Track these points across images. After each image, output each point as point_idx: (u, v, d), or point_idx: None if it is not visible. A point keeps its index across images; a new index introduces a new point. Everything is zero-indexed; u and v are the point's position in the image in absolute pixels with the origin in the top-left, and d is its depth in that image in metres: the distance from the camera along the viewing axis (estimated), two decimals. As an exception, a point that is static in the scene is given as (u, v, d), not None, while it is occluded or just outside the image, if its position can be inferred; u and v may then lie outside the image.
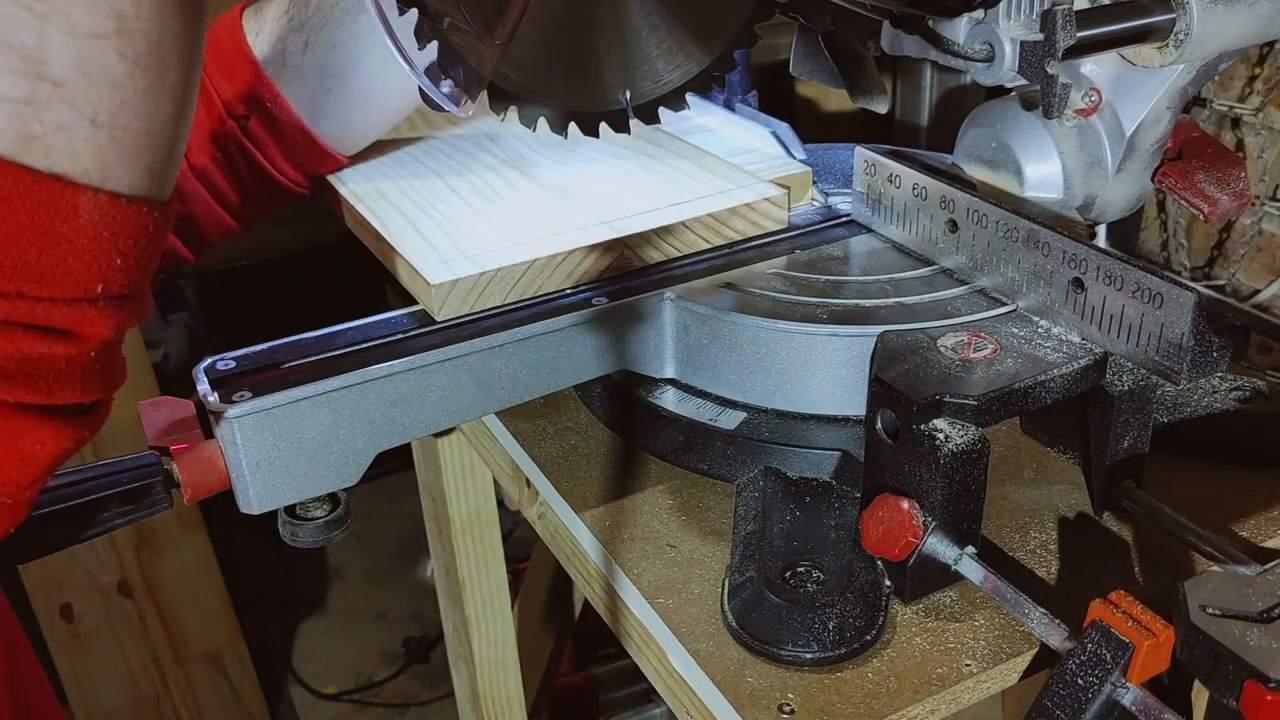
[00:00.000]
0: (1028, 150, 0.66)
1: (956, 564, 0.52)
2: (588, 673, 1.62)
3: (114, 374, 0.37)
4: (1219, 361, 0.54)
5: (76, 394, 0.35)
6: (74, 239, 0.32)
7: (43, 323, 0.33)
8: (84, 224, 0.32)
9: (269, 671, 2.02)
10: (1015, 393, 0.54)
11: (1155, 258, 1.45)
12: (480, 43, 0.55)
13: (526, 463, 0.69)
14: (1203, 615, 0.43)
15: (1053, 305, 0.59)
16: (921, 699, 0.49)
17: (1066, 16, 0.55)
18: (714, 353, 0.63)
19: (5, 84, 0.30)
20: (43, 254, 0.32)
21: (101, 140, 0.33)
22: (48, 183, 0.31)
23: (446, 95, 0.57)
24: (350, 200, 0.74)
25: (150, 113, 0.34)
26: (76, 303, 0.33)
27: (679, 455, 0.64)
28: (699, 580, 0.57)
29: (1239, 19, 0.61)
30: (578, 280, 0.66)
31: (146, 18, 0.33)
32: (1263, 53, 1.30)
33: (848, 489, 0.60)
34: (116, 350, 0.37)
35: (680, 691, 0.54)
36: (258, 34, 0.73)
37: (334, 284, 1.92)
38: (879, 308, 0.62)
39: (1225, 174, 0.67)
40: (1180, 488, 0.61)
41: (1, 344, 0.32)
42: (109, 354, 0.37)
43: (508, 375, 0.61)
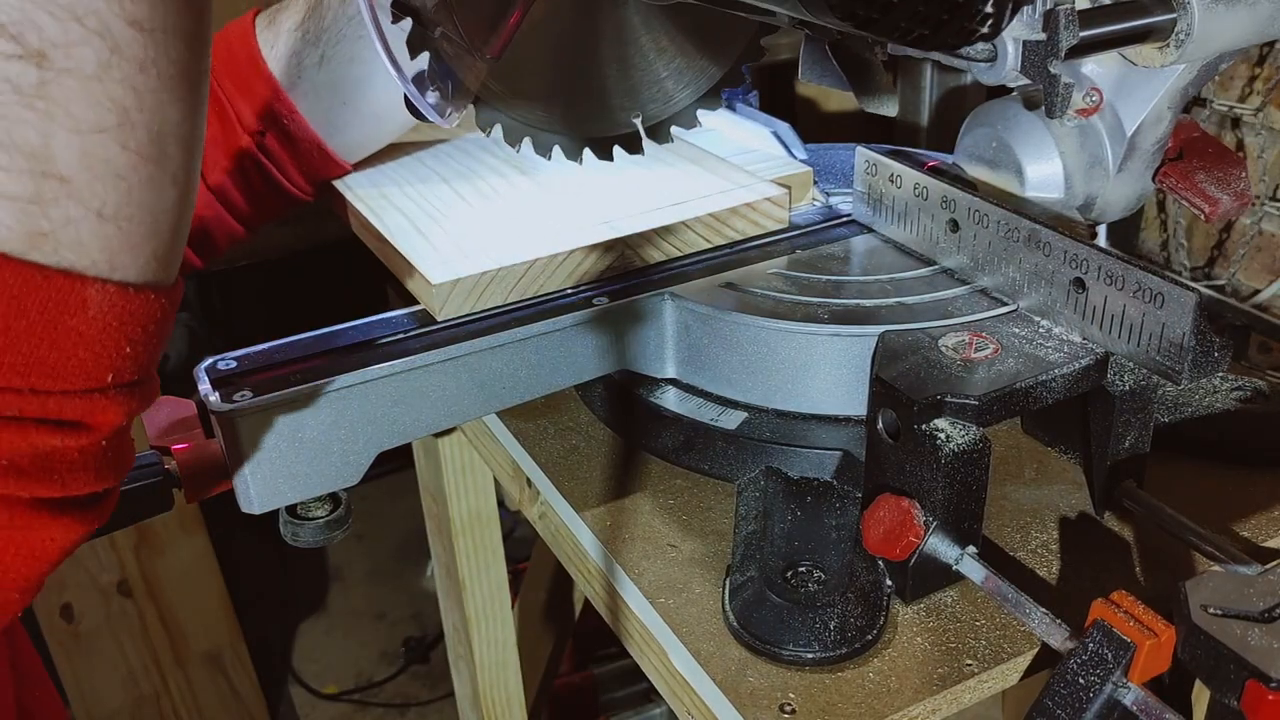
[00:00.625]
0: (1028, 150, 0.66)
1: (957, 564, 0.52)
2: (588, 673, 1.62)
3: (125, 460, 0.37)
4: (1220, 361, 0.54)
5: (90, 484, 0.35)
6: (84, 331, 0.32)
7: (55, 416, 0.33)
8: (93, 316, 0.32)
9: (269, 671, 2.02)
10: (1016, 392, 0.54)
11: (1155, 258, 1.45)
12: (470, 56, 0.55)
13: (527, 462, 0.69)
14: (1204, 615, 0.43)
15: (1054, 305, 0.59)
16: (922, 699, 0.49)
17: (1069, 16, 0.55)
18: (715, 352, 0.63)
19: (12, 183, 0.31)
20: (54, 349, 0.32)
21: (108, 232, 0.33)
22: (57, 278, 0.31)
23: (432, 105, 0.58)
24: (352, 201, 0.74)
25: (154, 201, 0.34)
26: (88, 393, 0.33)
27: (680, 455, 0.64)
28: (700, 580, 0.57)
29: (1240, 19, 0.61)
30: (578, 280, 0.66)
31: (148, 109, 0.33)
32: (1263, 53, 1.30)
33: (849, 489, 0.60)
34: (126, 436, 0.37)
35: (681, 691, 0.54)
36: (273, 46, 0.73)
37: (334, 284, 1.92)
38: (880, 308, 0.62)
39: (1226, 174, 0.67)
40: (1181, 488, 0.61)
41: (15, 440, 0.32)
42: (119, 440, 0.36)
43: (508, 375, 0.61)
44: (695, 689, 0.53)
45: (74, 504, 0.35)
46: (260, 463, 0.55)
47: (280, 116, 0.73)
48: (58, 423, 0.33)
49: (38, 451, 0.33)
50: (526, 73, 0.58)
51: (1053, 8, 0.55)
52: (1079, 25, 0.56)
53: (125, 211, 0.33)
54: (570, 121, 0.61)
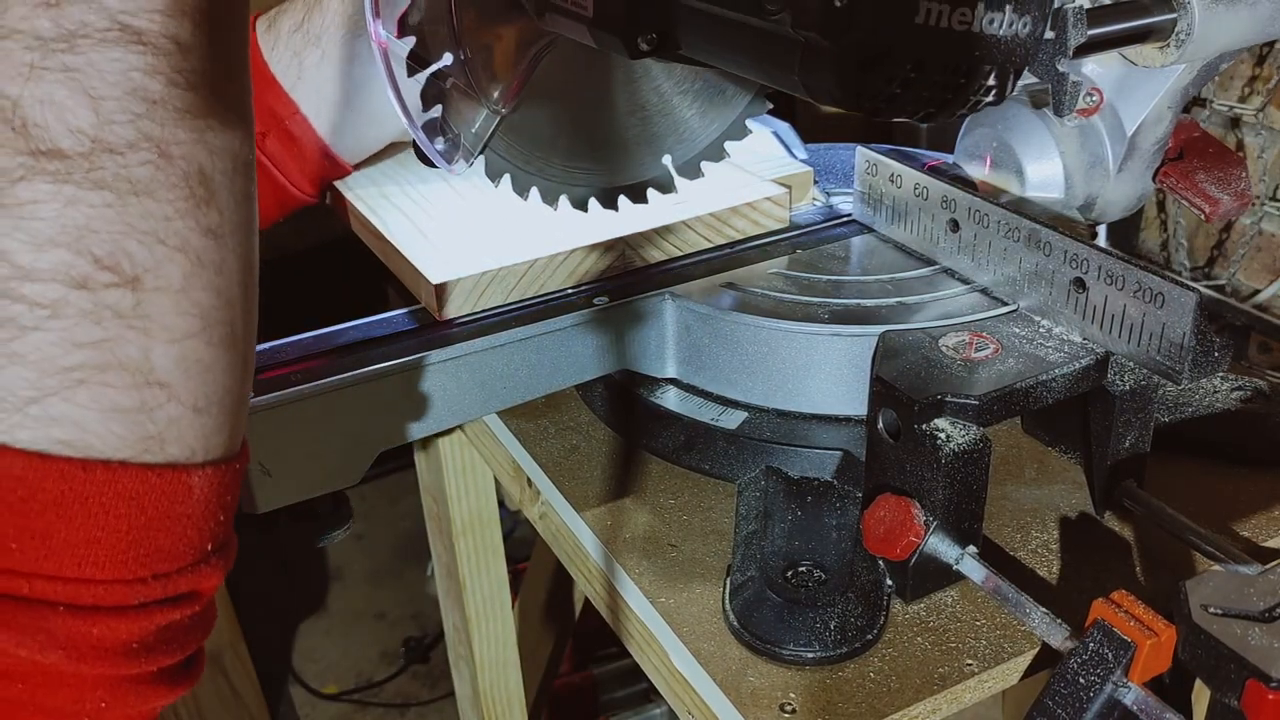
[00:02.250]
0: (1029, 150, 0.66)
1: (958, 563, 0.52)
2: (588, 673, 1.62)
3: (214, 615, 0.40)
4: (1220, 361, 0.54)
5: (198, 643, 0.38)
6: (190, 514, 0.35)
7: (173, 594, 0.35)
8: (197, 498, 0.35)
9: (269, 671, 2.02)
10: (1017, 392, 0.54)
11: (1155, 258, 1.45)
12: (483, 108, 0.56)
13: (528, 462, 0.69)
14: (1204, 615, 0.43)
15: (1054, 305, 0.59)
16: (923, 698, 0.49)
17: (1078, 15, 0.55)
18: (715, 352, 0.63)
19: (121, 398, 0.33)
20: (168, 535, 0.34)
21: (203, 422, 0.36)
22: (166, 474, 0.34)
23: (439, 153, 0.59)
24: (352, 200, 0.74)
25: (232, 383, 0.37)
26: (195, 565, 0.36)
27: (680, 455, 0.64)
28: (700, 580, 0.57)
29: (1240, 19, 0.61)
30: (579, 280, 0.66)
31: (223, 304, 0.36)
32: (1263, 53, 1.30)
33: (849, 488, 0.60)
34: None
35: (682, 691, 0.54)
36: (273, 47, 0.73)
37: (334, 284, 1.92)
38: (880, 307, 0.62)
39: (1226, 174, 0.67)
40: (1181, 487, 0.61)
41: (144, 624, 0.35)
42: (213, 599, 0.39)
43: (509, 375, 0.61)
44: (695, 689, 0.53)
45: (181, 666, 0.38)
46: (260, 462, 0.55)
47: (281, 117, 0.73)
48: (175, 599, 0.36)
49: (162, 627, 0.35)
50: (546, 124, 0.59)
51: (1061, 6, 0.55)
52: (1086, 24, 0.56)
53: (214, 400, 0.36)
54: (598, 172, 0.62)
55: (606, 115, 0.60)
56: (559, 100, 0.59)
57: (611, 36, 0.47)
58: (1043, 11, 0.39)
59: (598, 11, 0.48)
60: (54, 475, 0.32)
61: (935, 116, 0.41)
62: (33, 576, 0.32)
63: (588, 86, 0.59)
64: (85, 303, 0.32)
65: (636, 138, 0.62)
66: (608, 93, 0.59)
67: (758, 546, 0.56)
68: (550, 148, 0.60)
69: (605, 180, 0.62)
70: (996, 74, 0.39)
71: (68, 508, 0.32)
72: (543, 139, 0.59)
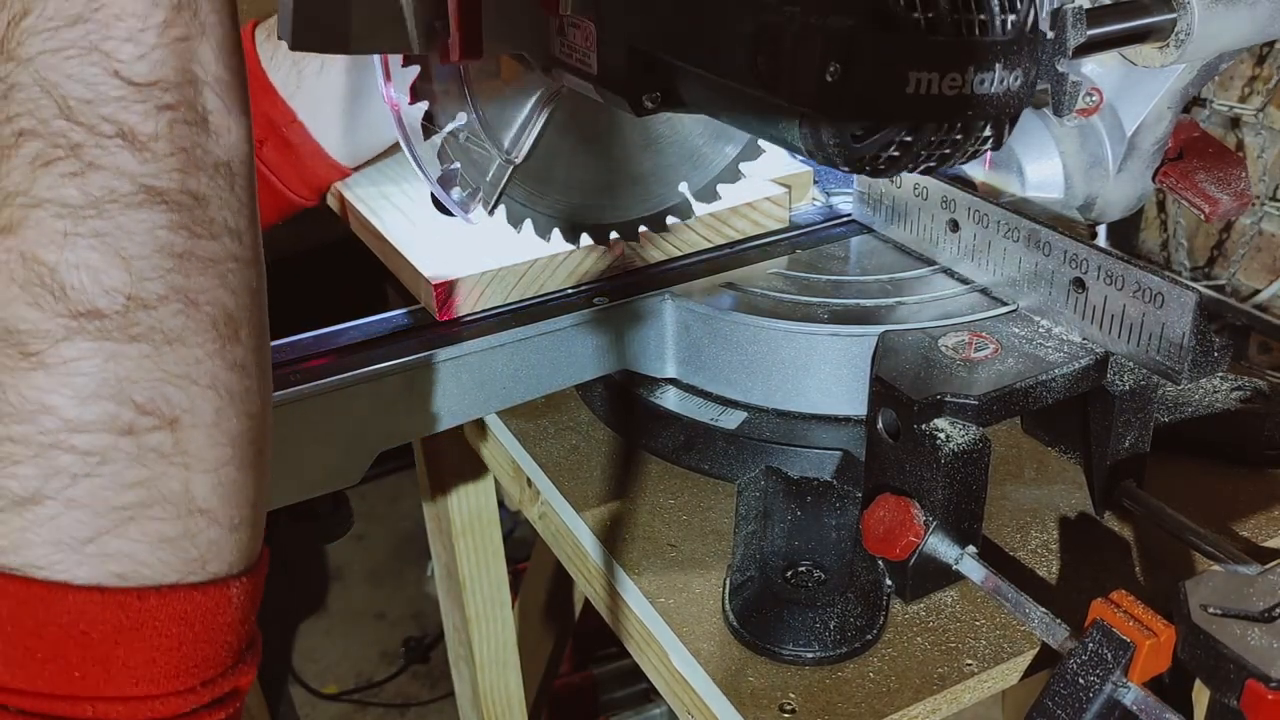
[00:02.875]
0: (1029, 150, 0.66)
1: (957, 563, 0.52)
2: (588, 673, 1.62)
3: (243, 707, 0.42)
4: (1219, 361, 0.54)
5: None
6: (231, 620, 0.37)
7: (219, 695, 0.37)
8: (235, 605, 0.38)
9: (269, 671, 2.02)
10: (1016, 392, 0.54)
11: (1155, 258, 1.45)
12: (498, 160, 0.58)
13: (528, 462, 0.69)
14: (1204, 615, 0.43)
15: (1054, 305, 0.59)
16: (922, 698, 0.49)
17: (1077, 15, 0.55)
18: (715, 352, 0.63)
19: (167, 528, 0.35)
20: (212, 645, 0.37)
21: (237, 537, 0.38)
22: (209, 590, 0.36)
23: (457, 202, 0.61)
24: (352, 200, 0.74)
25: (258, 496, 0.40)
26: (235, 666, 0.38)
27: (680, 455, 0.64)
28: (700, 580, 0.57)
29: (1240, 19, 0.61)
30: (578, 280, 0.66)
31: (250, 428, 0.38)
32: (1263, 53, 1.30)
33: (849, 488, 0.60)
34: None
35: (681, 691, 0.54)
36: (272, 56, 0.73)
37: (334, 284, 1.92)
38: (880, 307, 0.62)
39: (1226, 174, 0.67)
40: (1181, 487, 0.61)
41: None
42: None
43: (509, 375, 0.61)
44: (695, 689, 0.53)
45: None
46: (260, 462, 0.55)
47: (279, 125, 0.73)
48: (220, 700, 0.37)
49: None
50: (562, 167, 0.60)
51: (1060, 6, 0.55)
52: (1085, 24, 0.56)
53: (245, 516, 0.38)
54: (616, 207, 0.63)
55: (621, 152, 0.61)
56: (573, 143, 0.60)
57: (616, 95, 0.49)
58: (1034, 61, 0.40)
59: (602, 71, 0.49)
60: (112, 606, 0.34)
61: (935, 170, 0.42)
62: (96, 700, 0.34)
63: (600, 126, 0.60)
64: (130, 447, 0.34)
65: (652, 170, 0.63)
66: (620, 131, 0.60)
67: (757, 546, 0.56)
68: (567, 189, 0.61)
69: (624, 213, 0.63)
70: (992, 126, 0.40)
71: (126, 634, 0.34)
72: (559, 181, 0.60)
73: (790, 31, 0.39)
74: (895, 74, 0.37)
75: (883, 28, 0.37)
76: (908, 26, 0.37)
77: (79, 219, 0.33)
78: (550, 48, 0.53)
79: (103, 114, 0.34)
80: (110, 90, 0.34)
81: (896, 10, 0.37)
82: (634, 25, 0.47)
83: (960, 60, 0.38)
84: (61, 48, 0.33)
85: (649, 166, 0.62)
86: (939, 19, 0.37)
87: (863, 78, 0.37)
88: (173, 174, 0.35)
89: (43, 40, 0.33)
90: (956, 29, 0.37)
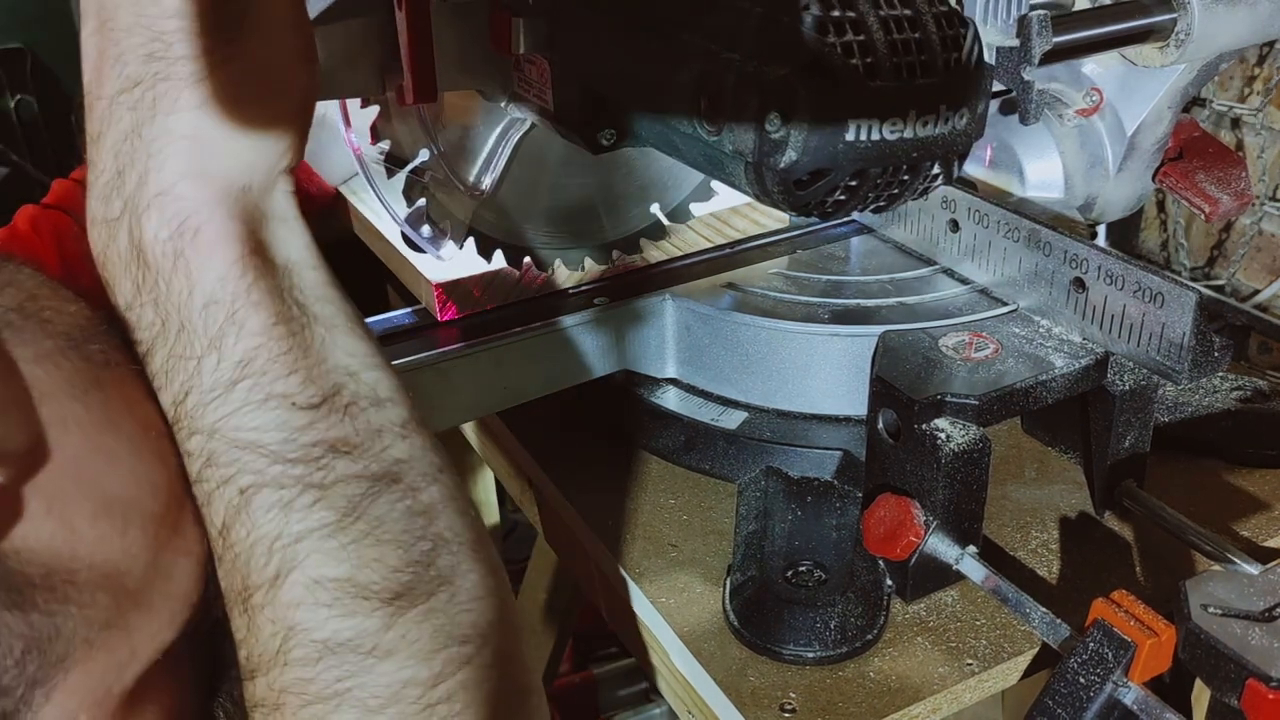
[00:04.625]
0: (1029, 150, 0.66)
1: (958, 563, 0.52)
2: (588, 673, 1.61)
3: None
4: (1219, 361, 0.54)
5: None
6: None
7: None
8: None
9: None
10: (1016, 392, 0.54)
11: (1155, 258, 1.45)
12: (464, 195, 0.58)
13: (527, 462, 0.69)
14: (1204, 614, 0.43)
15: (1054, 305, 0.59)
16: (923, 698, 0.50)
17: (1042, 22, 0.55)
18: (715, 352, 0.63)
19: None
20: None
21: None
22: None
23: (428, 239, 0.62)
24: (353, 201, 0.74)
25: None
26: None
27: (681, 455, 0.64)
28: (701, 580, 0.57)
29: (1240, 19, 0.61)
30: (579, 280, 0.66)
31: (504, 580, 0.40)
32: (1263, 53, 1.30)
33: (849, 488, 0.60)
34: None
35: (682, 691, 0.54)
36: None
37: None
38: (880, 307, 0.62)
39: (1226, 174, 0.67)
40: (1181, 487, 0.61)
41: None
42: None
43: (509, 375, 0.61)
44: (696, 688, 0.53)
45: None
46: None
47: None
48: None
49: None
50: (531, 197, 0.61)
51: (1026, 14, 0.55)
52: (1076, 25, 0.56)
53: None
54: (588, 232, 0.63)
55: (589, 178, 0.61)
56: (541, 172, 0.60)
57: (572, 132, 0.49)
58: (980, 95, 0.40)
59: (558, 108, 0.50)
60: None
61: (885, 209, 0.42)
62: None
63: (567, 155, 0.60)
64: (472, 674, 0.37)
65: (622, 193, 0.63)
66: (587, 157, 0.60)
67: (758, 546, 0.56)
68: (537, 218, 0.61)
69: (597, 238, 0.63)
70: (940, 164, 0.40)
71: None
72: (529, 212, 0.61)
73: (730, 80, 0.39)
74: (835, 123, 0.37)
75: (821, 76, 0.36)
76: (845, 75, 0.36)
77: (344, 530, 0.36)
78: (510, 83, 0.53)
79: (305, 442, 0.36)
80: (299, 420, 0.36)
81: (834, 58, 0.36)
82: (585, 66, 0.47)
83: (901, 105, 0.37)
84: (237, 409, 0.36)
85: (619, 190, 0.63)
86: (878, 64, 0.37)
87: (802, 127, 0.37)
88: (380, 455, 0.37)
89: (215, 409, 0.36)
90: (896, 73, 0.37)
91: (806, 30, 0.36)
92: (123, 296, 0.37)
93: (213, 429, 0.36)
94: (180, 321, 0.36)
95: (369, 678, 0.35)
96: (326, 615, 0.35)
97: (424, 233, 0.60)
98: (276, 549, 0.35)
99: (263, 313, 0.36)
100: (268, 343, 0.36)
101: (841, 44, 0.36)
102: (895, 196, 0.41)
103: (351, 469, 0.36)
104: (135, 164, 0.36)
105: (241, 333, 0.36)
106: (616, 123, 0.47)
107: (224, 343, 0.36)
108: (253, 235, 0.37)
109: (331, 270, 0.40)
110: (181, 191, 0.36)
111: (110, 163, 0.37)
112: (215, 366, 0.36)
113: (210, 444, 0.36)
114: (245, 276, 0.36)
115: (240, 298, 0.36)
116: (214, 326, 0.36)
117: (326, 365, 0.37)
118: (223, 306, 0.36)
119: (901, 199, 0.41)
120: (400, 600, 0.36)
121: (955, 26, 0.38)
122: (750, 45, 0.38)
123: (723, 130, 0.39)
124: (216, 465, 0.36)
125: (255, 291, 0.36)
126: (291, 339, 0.37)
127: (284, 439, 0.36)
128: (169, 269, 0.36)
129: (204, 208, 0.36)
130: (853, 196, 0.40)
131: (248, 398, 0.36)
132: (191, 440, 0.36)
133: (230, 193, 0.36)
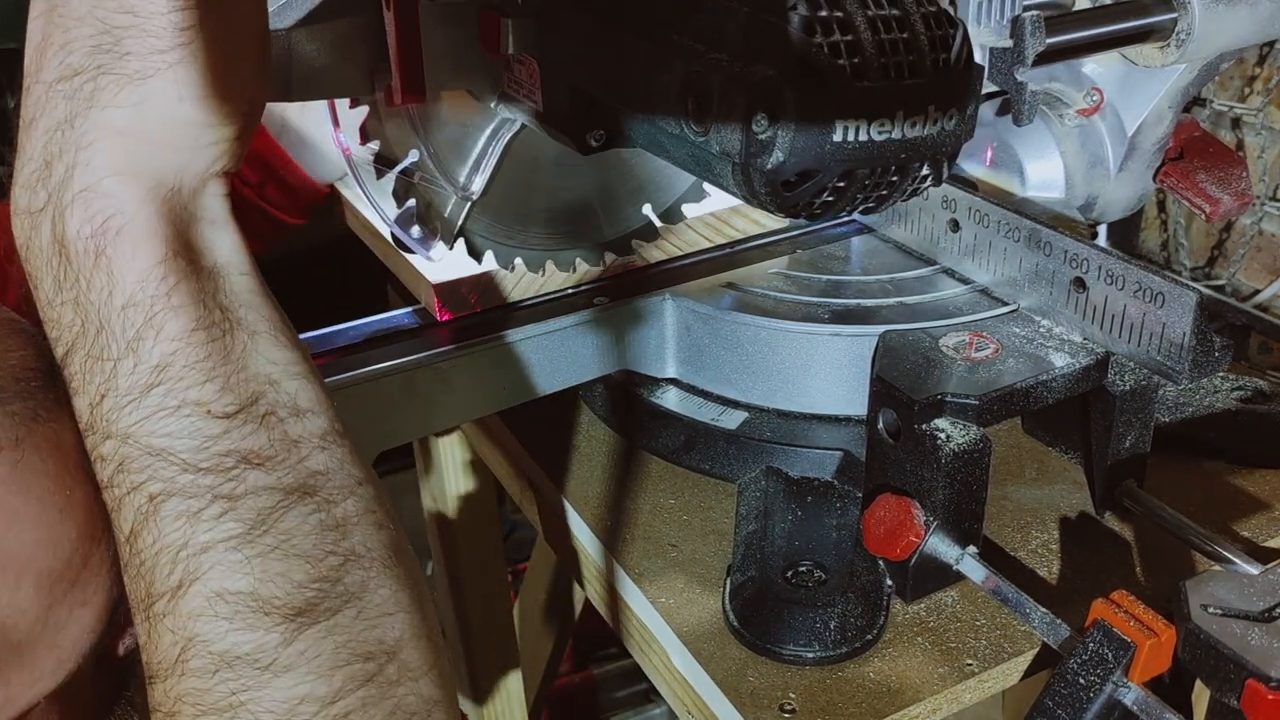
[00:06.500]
0: (1029, 150, 0.66)
1: (958, 564, 0.52)
2: (588, 673, 1.61)
3: None
4: (1220, 361, 0.54)
5: None
6: None
7: None
8: None
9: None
10: (1017, 392, 0.54)
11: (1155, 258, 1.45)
12: (454, 197, 0.58)
13: (527, 462, 0.69)
14: (1204, 615, 0.43)
15: (1054, 305, 0.59)
16: (923, 698, 0.49)
17: (1035, 23, 0.55)
18: (715, 352, 0.63)
19: None
20: None
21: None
22: None
23: (417, 240, 0.61)
24: (352, 201, 0.74)
25: None
26: None
27: (680, 455, 0.64)
28: (700, 580, 0.57)
29: (1241, 19, 0.61)
30: (579, 280, 0.65)
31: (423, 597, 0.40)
32: (1263, 53, 1.30)
33: (849, 488, 0.60)
34: None
35: (682, 691, 0.54)
36: None
37: (334, 284, 1.91)
38: (880, 307, 0.62)
39: (1227, 174, 0.67)
40: (1181, 488, 0.61)
41: None
42: None
43: (508, 375, 0.61)
44: (695, 688, 0.53)
45: None
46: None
47: (276, 168, 0.76)
48: None
49: None
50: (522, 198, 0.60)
51: (1019, 14, 0.55)
52: (1075, 25, 0.56)
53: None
54: (580, 233, 0.62)
55: (581, 179, 0.61)
56: (532, 173, 0.60)
57: (561, 133, 0.49)
58: (970, 95, 0.40)
59: (547, 109, 0.49)
60: None
61: (874, 211, 0.41)
62: None
63: (558, 156, 0.59)
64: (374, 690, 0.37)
65: (614, 195, 0.63)
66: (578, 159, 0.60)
67: (758, 546, 0.56)
68: (529, 220, 0.61)
69: (589, 239, 0.63)
70: (929, 165, 0.40)
71: None
72: (520, 213, 0.60)
73: (716, 82, 0.38)
74: (822, 124, 0.37)
75: (808, 77, 0.36)
76: (833, 75, 0.36)
77: (250, 543, 0.35)
78: (500, 83, 0.53)
79: (218, 451, 0.35)
80: (213, 429, 0.35)
81: (821, 58, 0.36)
82: (574, 67, 0.47)
83: (889, 106, 0.37)
84: (151, 414, 0.35)
85: (611, 191, 0.62)
86: (865, 65, 0.36)
87: (789, 128, 0.37)
88: (295, 467, 0.37)
89: (129, 414, 0.35)
90: (884, 73, 0.37)
91: (793, 30, 0.36)
92: (44, 293, 0.36)
93: (126, 434, 0.35)
94: (99, 322, 0.35)
95: (264, 692, 0.34)
96: (226, 628, 0.34)
97: (414, 234, 0.60)
98: (181, 559, 0.35)
99: (183, 317, 0.35)
100: (185, 348, 0.35)
101: (829, 44, 0.36)
102: (884, 198, 0.40)
103: (264, 481, 0.36)
104: (64, 155, 0.35)
105: (159, 336, 0.35)
106: (606, 123, 0.47)
107: (141, 346, 0.35)
108: (179, 237, 0.36)
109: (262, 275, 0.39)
110: (108, 188, 0.35)
111: (40, 151, 0.35)
112: (131, 370, 0.35)
113: (123, 449, 0.35)
114: (167, 279, 0.35)
115: (160, 300, 0.35)
116: (132, 329, 0.35)
117: (246, 373, 0.36)
118: (142, 309, 0.35)
119: (890, 200, 0.41)
120: (303, 616, 0.35)
121: (944, 27, 0.38)
122: (737, 45, 0.38)
123: (710, 131, 0.39)
124: (127, 471, 0.35)
125: (176, 295, 0.35)
126: (211, 345, 0.36)
127: (196, 447, 0.35)
128: (90, 267, 0.35)
129: (130, 206, 0.35)
130: (840, 198, 0.39)
131: (162, 403, 0.35)
132: (105, 444, 0.35)
133: (159, 193, 0.35)
